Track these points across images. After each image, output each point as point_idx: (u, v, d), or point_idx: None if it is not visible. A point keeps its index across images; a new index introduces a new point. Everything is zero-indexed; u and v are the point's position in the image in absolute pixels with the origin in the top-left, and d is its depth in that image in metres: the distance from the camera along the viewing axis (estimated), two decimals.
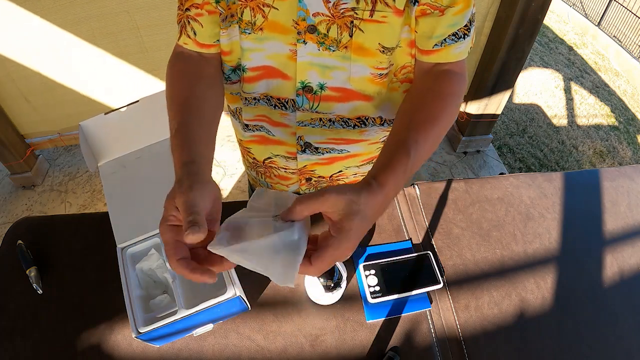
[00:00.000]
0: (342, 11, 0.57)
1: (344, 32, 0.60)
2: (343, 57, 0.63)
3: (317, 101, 0.69)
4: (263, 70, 0.66)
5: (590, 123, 3.27)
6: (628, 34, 4.92)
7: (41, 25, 1.62)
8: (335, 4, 0.57)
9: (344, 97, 0.69)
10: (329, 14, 0.58)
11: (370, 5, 0.57)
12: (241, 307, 0.69)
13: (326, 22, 0.59)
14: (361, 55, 0.62)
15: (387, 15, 0.58)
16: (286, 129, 0.76)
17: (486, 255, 0.85)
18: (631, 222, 0.95)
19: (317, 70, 0.65)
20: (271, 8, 0.58)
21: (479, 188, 0.97)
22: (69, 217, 0.89)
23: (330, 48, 0.61)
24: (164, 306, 0.68)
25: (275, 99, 0.71)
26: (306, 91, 0.67)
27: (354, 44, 0.61)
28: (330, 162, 0.82)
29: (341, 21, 0.58)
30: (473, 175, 2.40)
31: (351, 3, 0.57)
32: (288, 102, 0.70)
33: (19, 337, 0.71)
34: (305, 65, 0.64)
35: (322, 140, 0.77)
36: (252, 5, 0.59)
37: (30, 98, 1.89)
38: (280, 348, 0.70)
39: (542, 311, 0.79)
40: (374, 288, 0.76)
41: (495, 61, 1.97)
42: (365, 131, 0.76)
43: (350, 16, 0.58)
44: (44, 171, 2.30)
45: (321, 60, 0.63)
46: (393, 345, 0.72)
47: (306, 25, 0.59)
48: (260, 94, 0.71)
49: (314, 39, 0.61)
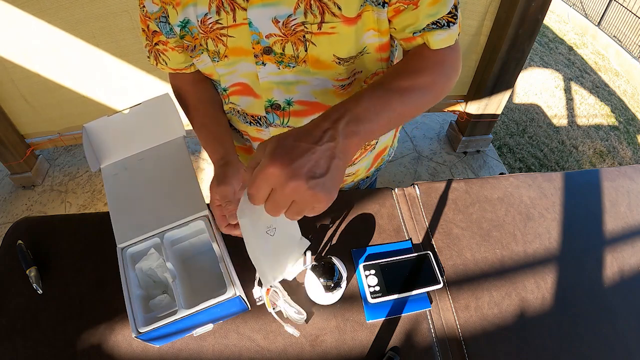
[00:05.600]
0: (293, 27, 0.57)
1: (300, 47, 0.60)
2: (303, 71, 0.63)
3: (286, 116, 0.71)
4: (241, 87, 0.69)
5: (590, 123, 3.27)
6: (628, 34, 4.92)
7: (41, 26, 1.62)
8: (285, 23, 0.57)
9: (310, 110, 0.69)
10: (280, 33, 0.58)
11: (319, 18, 0.56)
12: (241, 307, 0.69)
13: (280, 42, 0.59)
14: (319, 68, 0.62)
15: (335, 26, 0.57)
16: None
17: (486, 255, 0.85)
18: (631, 222, 0.95)
19: (282, 88, 0.66)
20: (227, 37, 0.60)
21: (479, 188, 0.97)
22: (69, 217, 0.89)
23: (290, 65, 0.62)
24: (164, 306, 0.68)
25: (249, 116, 0.73)
26: (274, 108, 0.69)
27: (311, 57, 0.61)
28: None
29: (294, 37, 0.59)
30: (473, 175, 2.40)
31: (300, 18, 0.56)
32: (261, 119, 0.73)
33: (19, 337, 0.71)
34: (268, 84, 0.65)
35: None
36: (212, 37, 0.61)
37: (30, 98, 1.89)
38: (280, 348, 0.70)
39: (542, 311, 0.79)
40: (374, 288, 0.76)
41: (495, 61, 1.97)
42: None
43: (302, 31, 0.58)
44: (44, 171, 2.30)
45: (283, 78, 0.64)
46: (393, 345, 0.72)
47: (261, 47, 0.60)
48: (241, 109, 0.73)
49: (272, 59, 0.61)
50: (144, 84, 1.90)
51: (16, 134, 2.02)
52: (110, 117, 0.77)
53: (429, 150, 2.51)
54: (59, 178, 2.29)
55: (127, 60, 1.81)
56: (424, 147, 2.53)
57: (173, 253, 0.73)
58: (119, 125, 0.78)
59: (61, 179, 2.28)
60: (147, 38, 0.70)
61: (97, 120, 0.77)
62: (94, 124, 0.77)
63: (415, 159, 2.46)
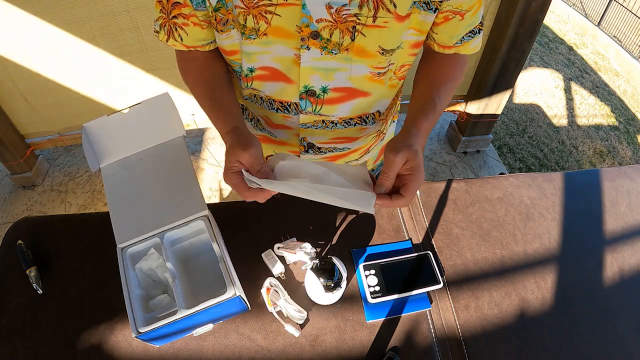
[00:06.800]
0: (344, 17, 0.58)
1: (346, 36, 0.61)
2: (344, 58, 0.64)
3: (319, 104, 0.71)
4: (269, 72, 0.67)
5: (590, 123, 3.27)
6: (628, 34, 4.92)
7: (41, 25, 1.62)
8: (338, 10, 0.58)
9: (345, 97, 0.70)
10: (331, 19, 0.59)
11: (373, 12, 0.58)
12: (241, 307, 0.69)
13: (329, 28, 0.60)
14: (362, 56, 0.64)
15: (388, 20, 0.59)
16: (289, 131, 0.77)
17: (486, 255, 0.85)
18: (631, 222, 0.95)
19: (320, 74, 0.66)
20: (274, 15, 0.59)
21: (479, 188, 0.97)
22: (69, 217, 0.89)
23: (333, 52, 0.62)
24: (164, 306, 0.68)
25: (277, 103, 0.72)
26: (309, 95, 0.69)
27: (356, 46, 0.62)
28: (333, 160, 0.85)
29: (343, 26, 0.59)
30: (473, 175, 2.40)
31: (354, 10, 0.58)
32: (291, 105, 0.71)
33: (19, 337, 0.71)
34: (308, 70, 0.65)
35: (324, 141, 0.79)
36: (255, 13, 0.59)
37: (30, 98, 1.88)
38: (280, 348, 0.70)
39: (542, 311, 0.79)
40: (374, 288, 0.76)
41: (495, 61, 1.97)
42: (365, 128, 0.78)
43: (353, 21, 0.59)
44: (44, 171, 2.30)
45: (324, 64, 0.64)
46: (393, 345, 0.72)
47: (310, 31, 0.60)
48: (266, 96, 0.72)
49: (317, 44, 0.61)
50: (144, 84, 1.90)
51: (16, 134, 2.02)
52: (109, 117, 0.77)
53: (429, 150, 2.51)
54: (59, 178, 2.29)
55: (127, 60, 1.80)
56: (424, 147, 2.53)
57: (173, 253, 0.73)
58: (118, 125, 0.78)
59: (61, 179, 2.28)
60: (162, 10, 0.66)
61: (97, 120, 0.77)
62: (94, 124, 0.77)
63: None
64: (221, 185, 2.23)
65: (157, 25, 0.68)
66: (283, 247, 0.79)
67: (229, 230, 0.79)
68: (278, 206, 0.90)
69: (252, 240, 0.82)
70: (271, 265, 0.78)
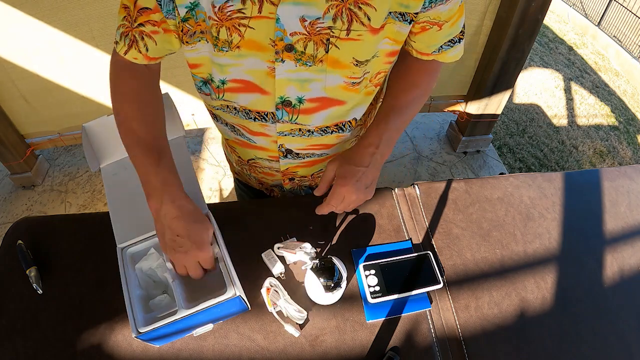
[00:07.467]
0: (318, 29, 0.58)
1: (320, 48, 0.61)
2: (319, 70, 0.64)
3: (296, 114, 0.71)
4: (243, 84, 0.67)
5: (590, 123, 3.27)
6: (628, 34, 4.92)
7: (40, 26, 1.62)
8: (312, 23, 0.58)
9: (320, 107, 0.70)
10: (305, 32, 0.58)
11: (347, 25, 0.58)
12: (241, 307, 0.69)
13: (303, 40, 0.59)
14: (336, 67, 0.64)
15: (362, 33, 0.59)
16: (267, 138, 0.78)
17: (486, 255, 0.85)
18: (631, 222, 0.95)
19: (296, 85, 0.66)
20: (247, 28, 0.58)
21: (479, 188, 0.97)
22: (69, 217, 0.89)
23: (307, 63, 0.62)
24: (164, 306, 0.68)
25: (254, 112, 0.72)
26: (285, 105, 0.69)
27: (330, 58, 0.62)
28: (311, 165, 0.87)
29: (317, 38, 0.59)
30: (473, 175, 2.40)
31: (328, 22, 0.57)
32: (268, 114, 0.72)
33: (19, 337, 0.71)
34: (284, 81, 0.65)
35: (302, 147, 0.80)
36: (228, 25, 0.58)
37: (30, 98, 1.88)
38: (280, 348, 0.70)
39: (542, 311, 0.79)
40: (374, 288, 0.76)
41: (495, 61, 1.97)
42: (342, 135, 0.79)
43: (327, 34, 0.59)
44: (44, 171, 2.30)
45: (299, 75, 0.64)
46: (393, 345, 0.72)
47: (284, 44, 0.60)
48: (240, 106, 0.72)
49: (291, 57, 0.61)
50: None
51: (16, 134, 2.02)
52: (109, 117, 0.77)
53: (429, 150, 2.51)
54: (59, 178, 2.29)
55: None
56: (424, 147, 2.53)
57: None
58: None
59: (61, 179, 2.28)
60: (126, 18, 0.61)
61: (97, 120, 0.77)
62: (94, 124, 0.77)
63: (415, 159, 2.46)
64: (221, 185, 2.23)
65: (117, 34, 0.64)
66: (283, 247, 0.79)
67: (229, 230, 0.78)
68: (278, 206, 0.90)
69: (252, 240, 0.82)
70: (271, 265, 0.78)
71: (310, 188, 0.98)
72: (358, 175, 0.70)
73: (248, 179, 1.01)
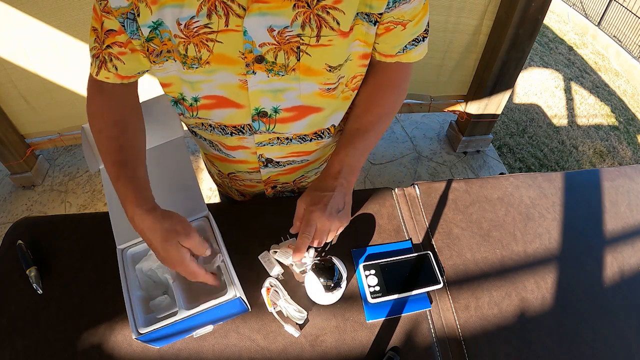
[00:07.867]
0: (287, 38, 0.58)
1: (291, 57, 0.60)
2: (292, 78, 0.63)
3: (272, 123, 0.70)
4: (215, 100, 0.66)
5: (590, 123, 3.27)
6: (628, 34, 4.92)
7: (40, 27, 1.62)
8: (281, 32, 0.57)
9: (297, 115, 0.70)
10: (274, 42, 0.58)
11: (316, 31, 0.57)
12: (241, 308, 0.69)
13: (273, 51, 0.59)
14: (309, 75, 0.63)
15: (332, 38, 0.59)
16: (246, 150, 0.77)
17: (486, 255, 0.85)
18: (631, 222, 0.95)
19: (269, 96, 0.65)
20: (215, 42, 0.58)
21: (479, 188, 0.97)
22: (69, 217, 0.89)
23: (279, 73, 0.62)
24: (164, 307, 0.68)
25: (230, 127, 0.72)
26: (261, 116, 0.69)
27: (302, 66, 0.62)
28: (293, 171, 0.87)
29: (287, 47, 0.59)
30: (473, 175, 2.40)
31: (296, 30, 0.57)
32: (244, 127, 0.71)
33: (19, 337, 0.71)
34: (257, 93, 0.65)
35: (282, 155, 0.80)
36: (196, 42, 0.58)
37: (30, 98, 1.88)
38: (280, 348, 0.70)
39: (542, 311, 0.79)
40: (374, 288, 0.76)
41: (495, 61, 1.97)
42: (322, 142, 0.79)
43: (297, 42, 0.58)
44: (44, 171, 2.30)
45: (272, 86, 0.64)
46: (393, 345, 0.72)
47: (254, 56, 0.59)
48: (215, 123, 0.71)
49: (262, 68, 0.61)
50: (144, 84, 1.89)
51: (16, 134, 2.02)
52: None
53: (429, 150, 2.51)
54: (59, 178, 2.29)
55: None
56: (424, 147, 2.53)
57: None
58: None
59: (61, 179, 2.28)
60: (96, 40, 0.61)
61: None
62: None
63: (415, 159, 2.46)
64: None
65: (90, 56, 0.64)
66: (280, 251, 0.78)
67: (229, 230, 0.78)
68: (278, 206, 0.90)
69: (252, 240, 0.82)
70: (269, 268, 0.78)
71: (292, 192, 0.97)
72: (325, 200, 0.67)
73: (229, 191, 1.01)
